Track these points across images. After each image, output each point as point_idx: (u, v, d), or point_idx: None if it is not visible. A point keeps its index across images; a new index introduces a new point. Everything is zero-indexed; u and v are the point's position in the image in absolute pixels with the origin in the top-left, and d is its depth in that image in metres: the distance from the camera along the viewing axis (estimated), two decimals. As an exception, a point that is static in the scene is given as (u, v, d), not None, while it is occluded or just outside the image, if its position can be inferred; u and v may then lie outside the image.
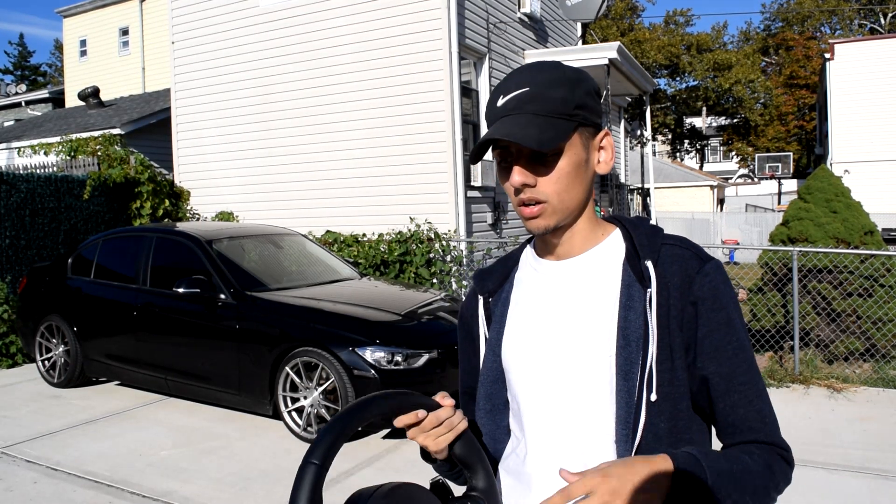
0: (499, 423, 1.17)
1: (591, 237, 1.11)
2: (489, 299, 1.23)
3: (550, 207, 1.04)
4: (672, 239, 1.10)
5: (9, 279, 7.86)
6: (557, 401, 1.07)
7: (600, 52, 10.43)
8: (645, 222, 1.15)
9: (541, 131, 1.00)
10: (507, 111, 1.04)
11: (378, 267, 8.26)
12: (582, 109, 1.04)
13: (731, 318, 1.05)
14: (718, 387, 1.04)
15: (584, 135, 1.06)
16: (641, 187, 14.91)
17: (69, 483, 4.20)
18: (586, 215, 1.11)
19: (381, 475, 4.26)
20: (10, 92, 27.42)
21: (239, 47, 10.11)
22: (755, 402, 1.05)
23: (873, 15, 38.64)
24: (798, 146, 40.24)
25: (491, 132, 1.04)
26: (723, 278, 1.06)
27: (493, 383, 1.17)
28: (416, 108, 8.72)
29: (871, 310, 6.35)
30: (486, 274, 1.26)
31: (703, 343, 1.04)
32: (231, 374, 5.24)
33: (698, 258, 1.07)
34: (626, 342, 1.03)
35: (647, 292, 1.04)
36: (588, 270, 1.10)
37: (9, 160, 13.67)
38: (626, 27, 38.54)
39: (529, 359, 1.11)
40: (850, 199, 7.04)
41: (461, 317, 1.31)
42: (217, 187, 10.44)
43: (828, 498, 3.81)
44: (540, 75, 1.04)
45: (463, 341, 1.31)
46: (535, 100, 1.03)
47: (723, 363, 1.04)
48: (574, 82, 1.05)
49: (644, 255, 1.07)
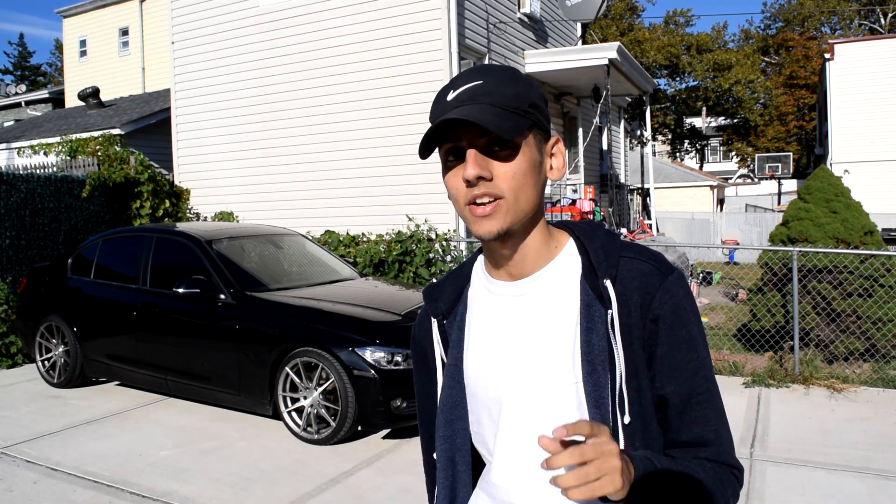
0: (459, 447, 1.13)
1: (544, 251, 1.06)
2: (444, 322, 1.16)
3: (505, 205, 0.98)
4: (630, 250, 1.05)
5: (9, 279, 7.86)
6: (525, 429, 1.03)
7: (600, 52, 10.43)
8: (599, 231, 1.09)
9: (500, 119, 0.95)
10: (459, 102, 0.98)
11: (377, 267, 8.26)
12: (535, 110, 1.01)
13: (692, 336, 1.02)
14: (676, 406, 1.02)
15: (537, 137, 1.02)
16: (641, 187, 14.91)
17: (69, 483, 4.20)
18: (539, 226, 1.05)
19: (381, 475, 4.26)
20: (10, 92, 27.43)
21: (239, 47, 10.11)
22: (712, 422, 1.02)
23: (873, 15, 38.65)
24: (798, 146, 40.25)
25: (448, 115, 0.96)
26: (685, 292, 1.03)
27: (453, 409, 1.13)
28: (416, 108, 8.71)
29: (871, 310, 6.35)
30: (436, 292, 1.19)
31: (662, 361, 1.01)
32: (231, 375, 5.24)
33: (659, 272, 1.03)
34: (593, 367, 0.99)
35: (609, 313, 1.00)
36: (544, 291, 1.05)
37: (9, 160, 13.67)
38: (625, 27, 38.55)
39: (493, 387, 1.06)
40: (849, 199, 7.04)
41: (414, 339, 1.25)
42: (217, 187, 10.44)
43: (828, 498, 3.81)
44: (492, 72, 1.01)
45: (418, 364, 1.25)
46: (489, 92, 0.98)
47: (682, 382, 1.01)
48: (526, 83, 1.02)
49: (602, 274, 1.02)
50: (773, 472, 4.17)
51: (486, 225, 0.99)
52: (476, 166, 0.96)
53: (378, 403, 4.61)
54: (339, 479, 4.18)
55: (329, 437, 4.75)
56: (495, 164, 0.98)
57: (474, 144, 0.98)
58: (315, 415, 4.84)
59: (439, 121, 0.96)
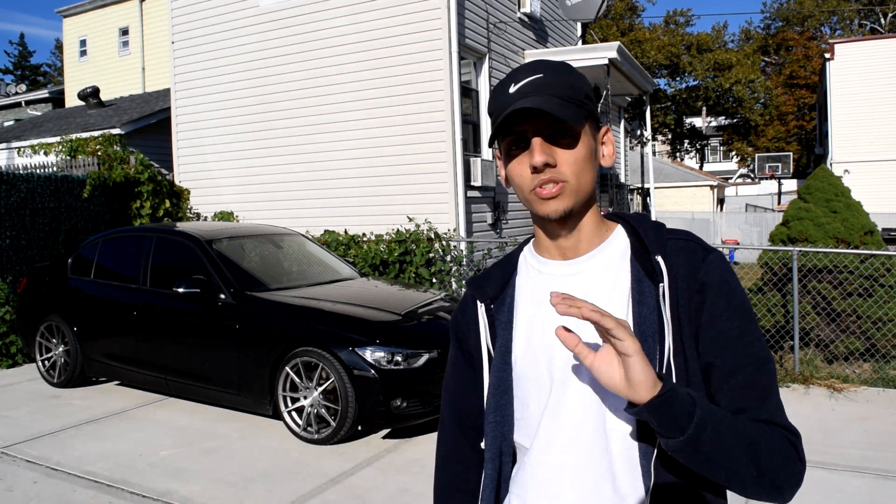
0: (506, 436, 1.14)
1: (597, 234, 1.11)
2: (491, 306, 1.18)
3: (570, 188, 1.04)
4: (676, 233, 1.12)
5: (9, 279, 7.86)
6: (578, 403, 1.05)
7: (600, 52, 10.43)
8: (647, 219, 1.15)
9: (564, 109, 1.01)
10: (523, 94, 1.03)
11: (377, 267, 8.26)
12: (589, 101, 1.07)
13: (736, 306, 1.04)
14: (722, 372, 1.02)
15: (591, 126, 1.08)
16: (641, 187, 14.91)
17: (69, 483, 4.20)
18: (593, 209, 1.11)
19: (381, 475, 4.26)
20: (10, 92, 27.41)
21: (239, 47, 10.11)
22: (760, 386, 1.01)
23: (873, 15, 38.64)
24: (798, 146, 40.25)
25: (518, 104, 1.02)
26: (728, 268, 1.07)
27: (504, 394, 1.13)
28: (415, 107, 8.72)
29: (871, 310, 6.34)
30: (482, 280, 1.21)
31: (708, 329, 1.03)
32: (231, 374, 5.24)
33: (703, 249, 1.08)
34: (644, 338, 1.03)
35: (660, 287, 1.05)
36: (597, 268, 1.10)
37: (9, 160, 13.66)
38: (625, 27, 38.54)
39: (545, 364, 1.08)
40: (849, 199, 7.04)
41: (455, 329, 1.26)
42: (217, 187, 10.44)
43: (828, 498, 3.80)
44: (550, 66, 1.06)
45: (456, 357, 1.25)
46: (550, 85, 1.04)
47: (727, 349, 1.02)
48: (580, 76, 1.08)
49: (654, 250, 1.08)
50: (773, 472, 4.16)
51: (552, 205, 1.05)
52: (543, 153, 1.03)
53: (378, 403, 4.61)
54: (339, 479, 4.18)
55: (329, 437, 4.75)
56: (559, 151, 1.04)
57: (539, 133, 1.04)
58: (315, 414, 4.83)
59: (513, 108, 1.01)
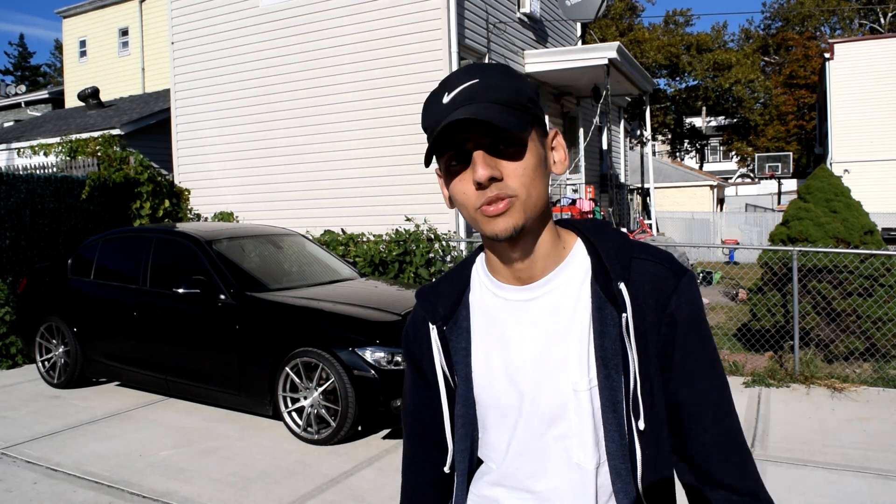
0: (473, 459, 1.11)
1: (553, 253, 1.02)
2: (443, 328, 1.09)
3: (519, 202, 0.93)
4: (641, 251, 1.02)
5: (9, 280, 7.86)
6: (543, 436, 1.02)
7: (600, 52, 10.43)
8: (609, 230, 1.05)
9: (506, 116, 0.91)
10: (458, 104, 0.92)
11: (377, 267, 8.26)
12: (532, 104, 0.97)
13: (706, 341, 1.00)
14: (689, 411, 0.99)
15: (538, 131, 0.98)
16: (641, 187, 14.91)
17: (69, 483, 4.20)
18: (549, 226, 1.01)
19: (381, 475, 4.26)
20: (10, 92, 27.44)
21: (239, 47, 10.11)
22: (726, 433, 1.00)
23: (873, 15, 38.64)
24: (798, 146, 40.23)
25: (455, 115, 0.90)
26: (698, 294, 1.01)
27: (470, 422, 1.09)
28: (416, 108, 8.70)
29: (871, 309, 6.34)
30: (432, 296, 1.12)
31: (678, 366, 0.99)
32: (231, 375, 5.24)
33: (673, 274, 1.00)
34: (608, 372, 0.97)
35: (623, 317, 0.97)
36: (555, 295, 1.01)
37: (9, 161, 13.66)
38: (625, 27, 38.52)
39: (507, 395, 1.03)
40: (849, 199, 7.04)
41: (408, 347, 1.18)
42: (217, 187, 10.44)
43: (828, 498, 3.80)
44: (485, 70, 0.96)
45: (413, 375, 1.18)
46: (487, 89, 0.93)
47: (696, 387, 0.99)
48: (520, 77, 0.98)
49: (616, 277, 0.98)
50: (773, 472, 4.16)
51: (500, 223, 0.94)
52: (486, 167, 0.92)
53: (378, 403, 4.61)
54: (339, 480, 4.18)
55: (329, 438, 4.74)
56: (504, 163, 0.93)
57: (480, 146, 0.93)
58: (315, 415, 4.83)
59: (447, 122, 0.90)
